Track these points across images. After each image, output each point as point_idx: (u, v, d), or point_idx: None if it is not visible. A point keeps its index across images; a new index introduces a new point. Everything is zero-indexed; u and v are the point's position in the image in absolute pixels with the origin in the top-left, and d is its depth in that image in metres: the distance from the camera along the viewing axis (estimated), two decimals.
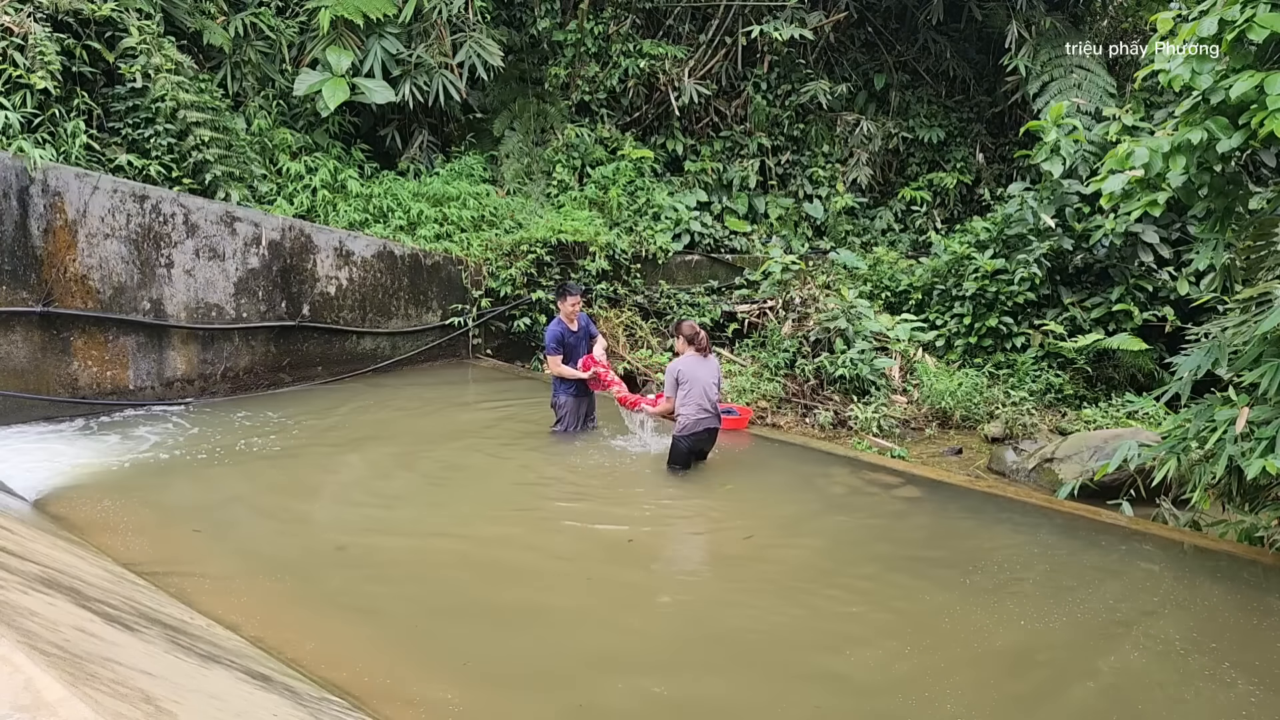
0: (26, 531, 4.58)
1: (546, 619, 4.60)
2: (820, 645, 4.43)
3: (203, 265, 8.52)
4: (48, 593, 3.33)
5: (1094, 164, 10.49)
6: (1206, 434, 5.62)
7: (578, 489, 6.73)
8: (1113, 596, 5.01)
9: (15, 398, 7.40)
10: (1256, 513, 5.82)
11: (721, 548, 5.80)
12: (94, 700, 2.15)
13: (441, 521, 6.01)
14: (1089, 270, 10.61)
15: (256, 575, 4.94)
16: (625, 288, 11.33)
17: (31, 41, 7.84)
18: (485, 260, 10.62)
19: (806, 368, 9.40)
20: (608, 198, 11.68)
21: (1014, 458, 8.12)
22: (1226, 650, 4.42)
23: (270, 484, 6.45)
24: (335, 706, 3.44)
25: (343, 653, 4.13)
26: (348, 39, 10.49)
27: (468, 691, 3.86)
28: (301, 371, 9.37)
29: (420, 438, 7.73)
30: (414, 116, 11.55)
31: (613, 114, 12.83)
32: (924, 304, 11.41)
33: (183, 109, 8.67)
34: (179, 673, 2.98)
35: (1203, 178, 5.28)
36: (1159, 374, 9.79)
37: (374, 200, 10.39)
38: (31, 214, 7.45)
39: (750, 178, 13.09)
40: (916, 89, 14.48)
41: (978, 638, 4.48)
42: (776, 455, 7.81)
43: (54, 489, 6.04)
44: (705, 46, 13.15)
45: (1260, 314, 5.35)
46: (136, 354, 8.16)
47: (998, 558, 5.61)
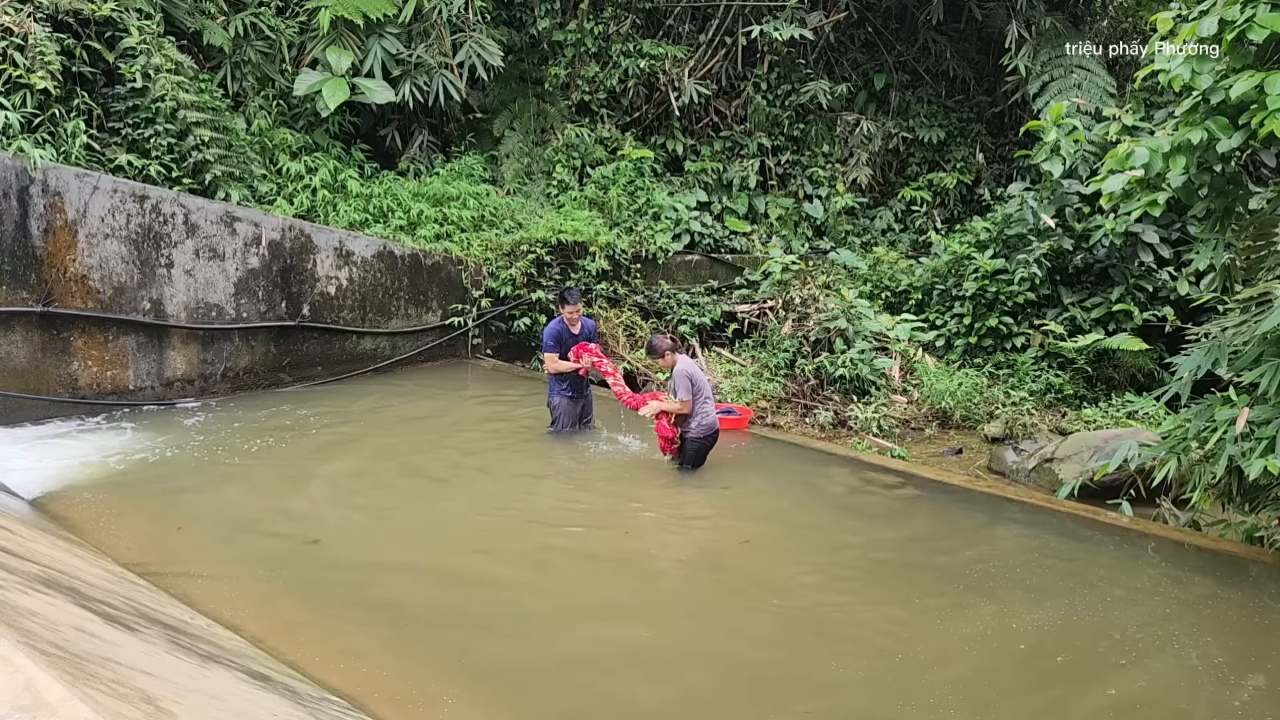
0: (27, 531, 4.58)
1: (545, 619, 4.60)
2: (818, 645, 4.43)
3: (203, 265, 8.52)
4: (48, 593, 3.34)
5: (1094, 164, 10.50)
6: (1206, 434, 5.62)
7: (575, 490, 6.74)
8: (1113, 597, 5.01)
9: (15, 398, 7.40)
10: (1256, 513, 5.82)
11: (720, 548, 5.79)
12: (94, 700, 2.15)
13: (441, 522, 6.01)
14: (1089, 270, 10.61)
15: (256, 575, 4.94)
16: (625, 288, 11.32)
17: (31, 41, 7.84)
18: (485, 260, 10.62)
19: (806, 368, 9.40)
20: (608, 198, 11.68)
21: (1014, 458, 8.12)
22: (1227, 650, 4.42)
23: (270, 484, 6.45)
24: (335, 706, 3.44)
25: (342, 652, 4.13)
26: (348, 39, 10.49)
27: (464, 690, 3.86)
28: (301, 371, 9.37)
29: (420, 438, 7.73)
30: (414, 116, 11.55)
31: (613, 114, 12.83)
32: (924, 304, 11.41)
33: (183, 109, 8.67)
34: (179, 673, 2.98)
35: (1203, 178, 5.28)
36: (1159, 374, 9.80)
37: (374, 200, 10.39)
38: (31, 214, 7.45)
39: (750, 178, 13.09)
40: (916, 89, 14.48)
41: (977, 638, 4.48)
42: (776, 455, 7.82)
43: (54, 489, 6.05)
44: (705, 46, 13.15)
45: (1260, 314, 5.36)
46: (136, 354, 8.16)
47: (998, 558, 5.62)
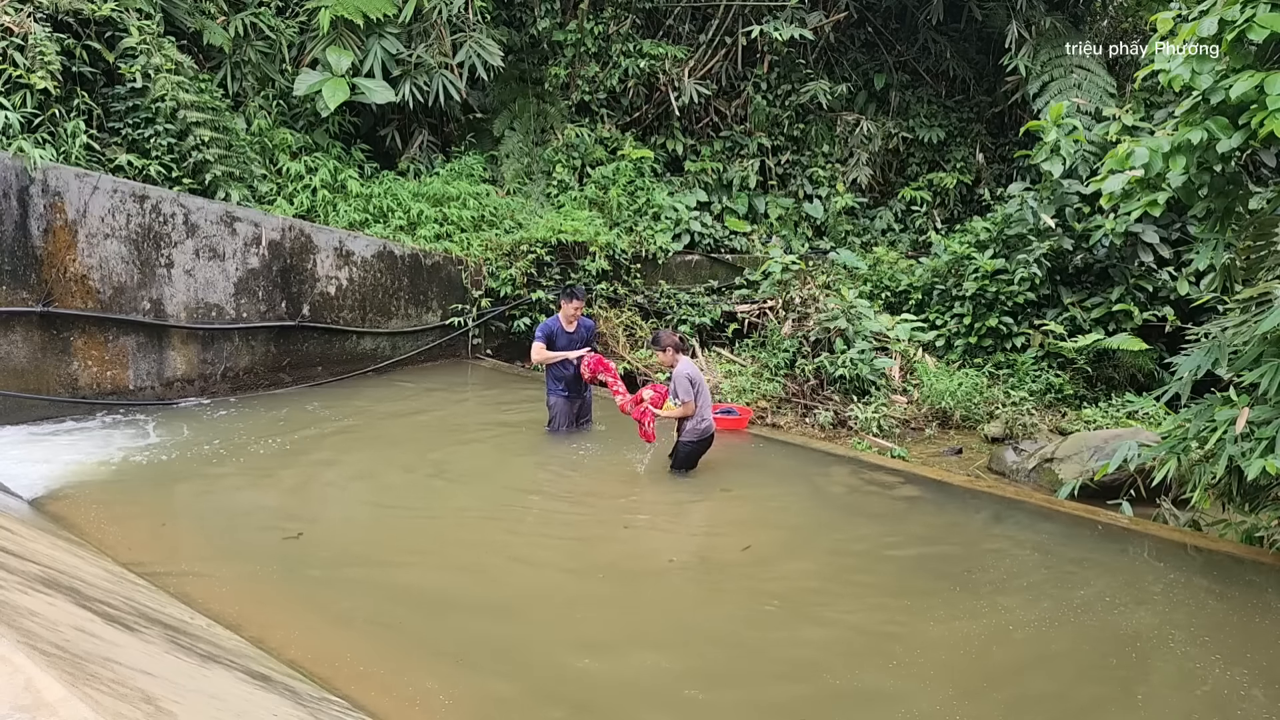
0: (26, 531, 4.58)
1: (543, 619, 4.60)
2: (817, 645, 4.43)
3: (203, 265, 8.51)
4: (48, 593, 3.33)
5: (1094, 164, 10.50)
6: (1206, 434, 5.62)
7: (573, 490, 6.74)
8: (1113, 597, 5.01)
9: (15, 398, 7.40)
10: (1256, 513, 5.82)
11: (719, 548, 5.79)
12: (94, 700, 2.15)
13: (440, 521, 6.01)
14: (1089, 270, 10.61)
15: (256, 575, 4.94)
16: (625, 288, 11.32)
17: (31, 41, 7.83)
18: (485, 260, 10.62)
19: (806, 368, 9.40)
20: (608, 198, 11.68)
21: (1014, 458, 8.12)
22: (1226, 649, 4.42)
23: (270, 484, 6.45)
24: (335, 706, 3.44)
25: (341, 652, 4.13)
26: (348, 39, 10.48)
27: (464, 689, 3.86)
28: (301, 371, 9.37)
29: (420, 437, 7.73)
30: (414, 116, 11.55)
31: (613, 114, 12.83)
32: (924, 304, 11.41)
33: (183, 109, 8.66)
34: (179, 673, 2.97)
35: (1203, 178, 5.28)
36: (1159, 374, 9.80)
37: (374, 200, 10.38)
38: (31, 214, 7.45)
39: (750, 178, 13.09)
40: (916, 89, 14.48)
41: (977, 638, 4.48)
42: (776, 455, 7.81)
43: (54, 489, 6.04)
44: (705, 46, 13.15)
45: (1260, 314, 5.36)
46: (136, 354, 8.16)
47: (997, 557, 5.62)
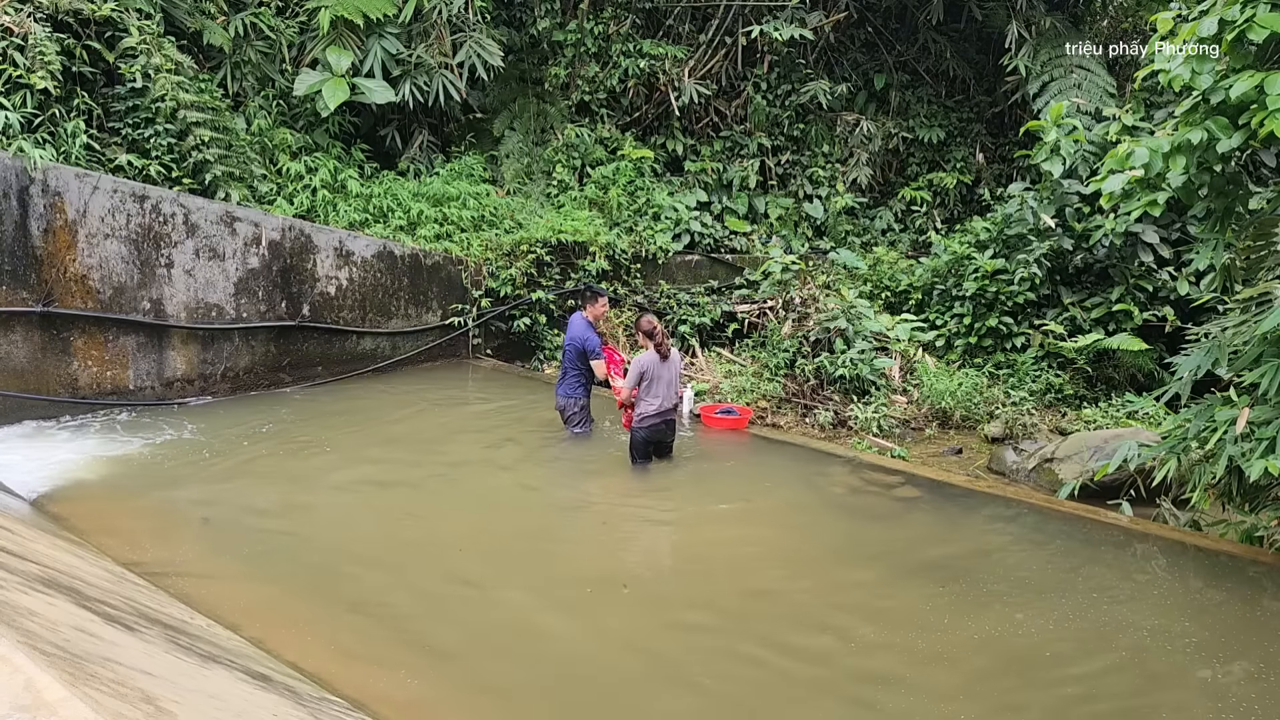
0: (26, 531, 4.58)
1: (541, 618, 4.60)
2: (817, 645, 4.43)
3: (203, 265, 8.51)
4: (48, 593, 3.33)
5: (1094, 164, 10.48)
6: (1206, 434, 5.62)
7: (575, 490, 6.74)
8: (1112, 597, 5.01)
9: (15, 398, 7.40)
10: (1256, 513, 5.82)
11: (718, 548, 5.79)
12: (94, 700, 2.15)
13: (440, 522, 6.02)
14: (1089, 270, 10.60)
15: (256, 575, 4.94)
16: (625, 288, 11.32)
17: (31, 41, 7.83)
18: (485, 260, 10.62)
19: (806, 368, 9.39)
20: (608, 198, 11.67)
21: (1014, 458, 8.12)
22: (1226, 649, 4.42)
23: (270, 484, 6.45)
24: (335, 706, 3.44)
25: (341, 652, 4.13)
26: (348, 39, 10.48)
27: (463, 689, 3.86)
28: (301, 371, 9.37)
29: (420, 438, 7.73)
30: (414, 116, 11.55)
31: (613, 114, 12.83)
32: (924, 304, 11.41)
33: (183, 109, 8.66)
34: (179, 673, 2.97)
35: (1203, 178, 5.28)
36: (1159, 374, 9.79)
37: (374, 200, 10.38)
38: (31, 214, 7.45)
39: (750, 178, 13.08)
40: (916, 89, 14.47)
41: (977, 638, 4.48)
42: (776, 455, 7.81)
43: (54, 489, 6.05)
44: (705, 46, 13.15)
45: (1260, 314, 5.36)
46: (136, 354, 8.16)
47: (997, 558, 5.61)
